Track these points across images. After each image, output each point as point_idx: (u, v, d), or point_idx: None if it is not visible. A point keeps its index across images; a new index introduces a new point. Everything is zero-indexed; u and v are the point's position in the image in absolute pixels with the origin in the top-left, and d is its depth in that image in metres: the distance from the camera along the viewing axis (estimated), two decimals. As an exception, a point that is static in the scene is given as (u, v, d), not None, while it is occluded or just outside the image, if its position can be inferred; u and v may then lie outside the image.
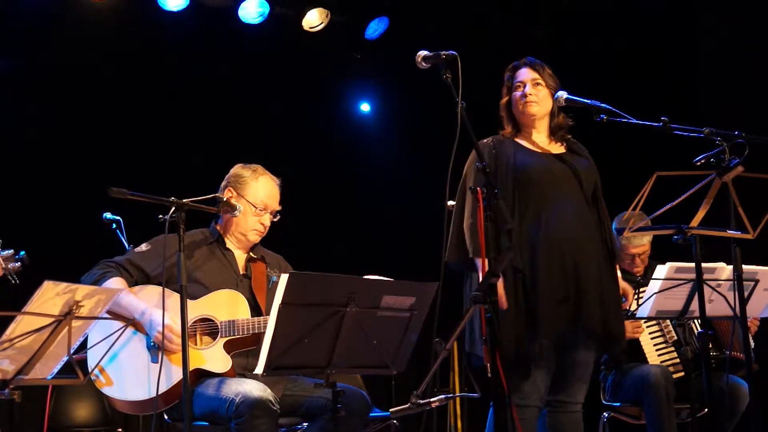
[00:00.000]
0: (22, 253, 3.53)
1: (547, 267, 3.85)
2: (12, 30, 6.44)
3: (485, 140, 4.04)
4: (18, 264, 3.51)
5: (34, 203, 6.40)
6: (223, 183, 4.24)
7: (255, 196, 4.18)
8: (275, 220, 4.24)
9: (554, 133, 4.12)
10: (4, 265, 3.46)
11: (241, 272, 4.21)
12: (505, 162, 3.94)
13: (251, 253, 4.28)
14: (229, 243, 4.24)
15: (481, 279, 3.60)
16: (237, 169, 4.27)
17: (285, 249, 4.50)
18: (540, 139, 4.10)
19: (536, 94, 4.04)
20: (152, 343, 3.89)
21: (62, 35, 6.54)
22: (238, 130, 7.08)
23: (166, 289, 3.81)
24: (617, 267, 4.18)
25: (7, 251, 3.48)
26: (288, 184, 4.33)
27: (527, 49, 4.21)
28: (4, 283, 3.49)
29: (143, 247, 4.11)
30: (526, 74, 4.09)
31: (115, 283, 3.91)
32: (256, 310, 4.04)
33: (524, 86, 4.05)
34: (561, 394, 4.02)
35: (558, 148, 4.12)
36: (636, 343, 5.14)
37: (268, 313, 3.93)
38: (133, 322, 3.86)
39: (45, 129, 6.63)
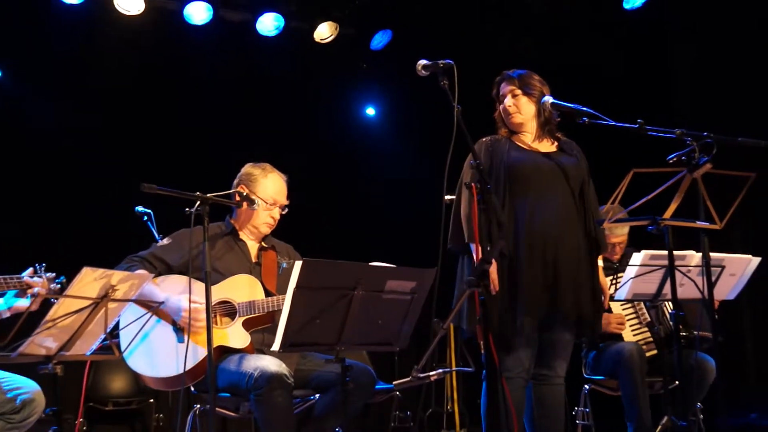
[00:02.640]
0: (62, 278, 3.54)
1: (530, 257, 3.85)
2: (58, 40, 6.47)
3: (484, 138, 4.06)
4: (58, 286, 3.52)
5: (76, 198, 6.44)
6: (236, 181, 4.25)
7: (265, 192, 4.19)
8: (284, 213, 4.26)
9: (543, 131, 4.13)
10: (48, 287, 3.47)
11: (254, 260, 4.23)
12: (499, 158, 3.95)
13: (263, 243, 4.29)
14: (243, 235, 4.25)
15: (475, 264, 3.62)
16: (248, 167, 4.28)
17: (298, 239, 4.51)
18: (531, 139, 4.11)
19: (515, 104, 4.07)
20: (177, 326, 3.92)
21: (101, 45, 6.57)
22: (255, 130, 7.09)
23: (187, 277, 3.86)
24: (600, 258, 4.19)
25: (49, 274, 3.50)
26: (300, 179, 4.34)
27: (517, 57, 4.23)
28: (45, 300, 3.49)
29: (165, 241, 4.13)
30: (505, 87, 4.12)
31: (143, 272, 3.91)
32: (266, 294, 4.06)
33: (505, 98, 4.09)
34: (544, 369, 4.03)
35: (549, 147, 4.11)
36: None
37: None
38: (157, 309, 3.88)
39: (85, 132, 6.66)
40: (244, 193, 4.11)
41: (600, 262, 4.22)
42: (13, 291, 3.41)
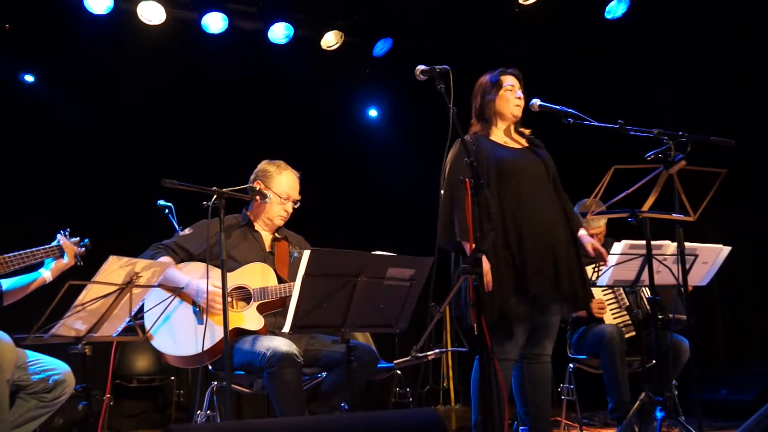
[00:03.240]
0: (86, 240, 3.55)
1: (532, 245, 3.84)
2: (86, 48, 6.47)
3: (466, 136, 4.02)
4: (83, 249, 3.53)
5: (102, 193, 6.45)
6: (252, 176, 4.25)
7: (280, 187, 4.20)
8: (296, 207, 4.27)
9: (515, 129, 4.11)
10: (75, 250, 3.48)
11: (268, 250, 4.24)
12: (485, 156, 3.91)
13: (276, 234, 4.30)
14: (258, 226, 4.26)
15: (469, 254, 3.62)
16: (264, 164, 4.28)
17: (308, 230, 4.52)
18: (507, 135, 4.07)
19: (522, 98, 4.03)
20: (197, 309, 3.93)
21: (126, 53, 6.57)
22: (267, 129, 7.10)
23: (206, 264, 3.86)
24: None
25: (74, 239, 3.51)
26: (308, 175, 4.34)
27: (508, 62, 4.20)
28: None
29: (187, 231, 4.13)
30: (513, 81, 4.04)
31: (167, 260, 3.95)
32: (278, 280, 4.07)
33: (513, 90, 4.00)
34: (535, 348, 4.03)
35: (523, 143, 4.09)
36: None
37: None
38: (179, 293, 3.90)
39: (110, 131, 6.67)
40: (257, 189, 4.12)
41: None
42: (51, 259, 3.42)
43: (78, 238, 3.52)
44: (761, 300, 5.50)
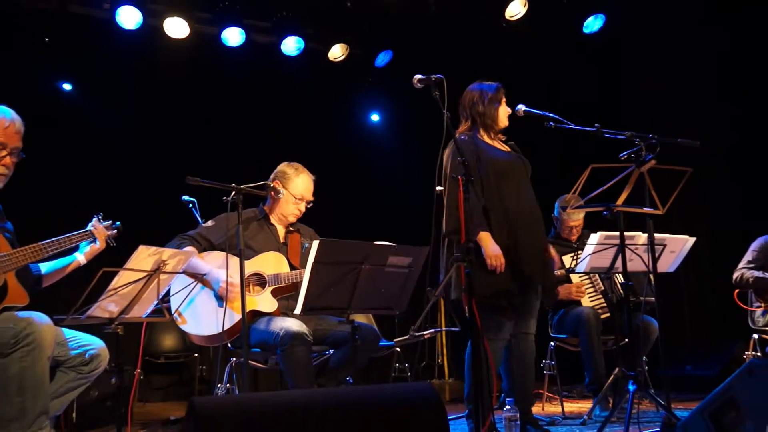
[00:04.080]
0: (118, 223, 3.54)
1: (525, 237, 3.86)
2: (118, 59, 6.47)
3: (463, 137, 4.02)
4: (115, 231, 3.51)
5: (133, 188, 6.45)
6: (272, 176, 4.23)
7: (296, 189, 4.19)
8: (309, 207, 4.26)
9: (497, 135, 4.11)
10: (107, 234, 3.47)
11: (281, 241, 4.23)
12: (483, 155, 3.92)
13: (289, 227, 4.29)
14: (273, 219, 4.25)
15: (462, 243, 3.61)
16: (283, 166, 4.26)
17: (318, 222, 4.51)
18: (493, 139, 4.08)
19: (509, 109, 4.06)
20: (217, 293, 3.93)
21: (154, 63, 6.57)
22: (280, 133, 7.09)
23: (226, 253, 3.86)
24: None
25: (106, 222, 3.49)
26: (316, 172, 4.33)
27: (496, 72, 4.20)
28: (107, 246, 3.51)
29: (209, 223, 4.12)
30: (502, 97, 4.07)
31: (191, 249, 3.95)
32: (291, 268, 4.08)
33: (503, 105, 4.05)
34: (523, 327, 4.04)
35: (505, 146, 4.10)
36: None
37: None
38: (202, 279, 3.89)
39: (140, 134, 6.67)
40: (272, 185, 4.12)
41: None
42: (85, 243, 3.41)
43: (110, 222, 3.51)
44: (722, 285, 5.49)
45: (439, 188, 3.96)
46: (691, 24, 6.71)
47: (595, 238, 4.44)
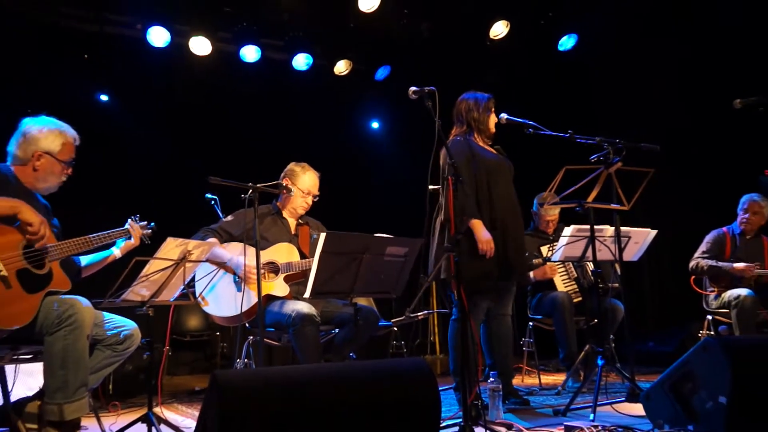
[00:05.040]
0: (152, 224, 3.54)
1: (513, 230, 3.86)
2: (149, 73, 6.47)
3: (458, 138, 4.01)
4: (149, 231, 3.51)
5: (163, 186, 6.44)
6: (282, 174, 4.24)
7: (303, 184, 4.19)
8: (315, 200, 4.26)
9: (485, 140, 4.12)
10: (142, 233, 3.47)
11: (293, 233, 4.22)
12: (477, 155, 3.92)
13: (300, 220, 4.29)
14: (285, 214, 4.25)
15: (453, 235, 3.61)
16: (292, 165, 4.27)
17: (325, 217, 4.50)
18: (484, 143, 4.08)
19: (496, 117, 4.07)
20: (237, 279, 3.92)
21: (180, 77, 6.57)
22: (291, 138, 7.07)
23: (244, 243, 3.85)
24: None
25: (142, 222, 3.49)
26: (323, 173, 4.33)
27: (482, 85, 4.19)
28: (140, 242, 3.51)
29: (229, 218, 4.12)
30: (493, 106, 4.08)
31: (213, 240, 3.94)
32: (301, 257, 4.07)
33: (493, 114, 4.06)
34: (501, 309, 4.05)
35: (492, 149, 4.11)
36: (551, 279, 5.16)
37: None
38: (223, 266, 3.89)
39: (169, 139, 6.66)
40: (284, 184, 4.12)
41: None
42: (122, 239, 3.41)
43: (146, 222, 3.51)
44: (680, 273, 5.50)
45: (431, 187, 3.96)
46: (651, 41, 6.74)
47: (568, 230, 4.44)
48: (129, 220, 3.44)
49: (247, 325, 3.98)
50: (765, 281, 5.10)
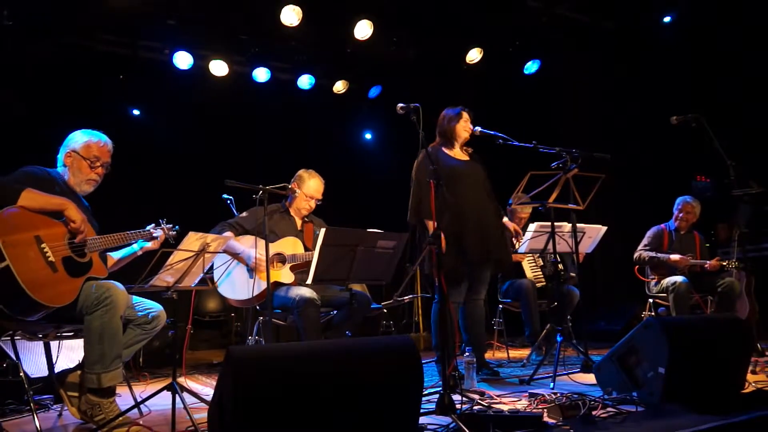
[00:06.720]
0: (177, 227, 3.51)
1: (472, 227, 3.84)
2: (174, 91, 6.44)
3: (429, 149, 3.98)
4: (174, 233, 3.48)
5: (186, 189, 6.40)
6: (292, 179, 4.22)
7: (308, 189, 4.16)
8: (319, 204, 4.24)
9: (461, 148, 4.10)
10: (168, 235, 3.44)
11: (298, 229, 4.20)
12: (442, 164, 3.90)
13: (305, 218, 4.27)
14: (292, 212, 4.22)
15: (431, 232, 3.60)
16: (301, 171, 4.24)
17: (325, 214, 4.49)
18: (457, 150, 4.08)
19: (470, 127, 4.04)
20: (249, 268, 3.90)
21: (201, 95, 6.54)
22: (295, 147, 7.06)
23: (255, 237, 3.83)
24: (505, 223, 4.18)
25: (168, 225, 3.47)
26: (323, 176, 4.31)
27: (460, 102, 4.19)
28: (166, 241, 3.47)
29: (244, 214, 4.10)
30: (467, 116, 4.06)
31: (229, 234, 3.92)
32: (305, 249, 4.06)
33: (468, 123, 4.04)
34: (474, 294, 4.03)
35: (465, 156, 4.08)
36: (521, 266, 5.17)
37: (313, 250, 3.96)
38: (238, 256, 3.86)
39: (192, 148, 6.62)
40: (290, 187, 4.10)
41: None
42: (144, 242, 3.38)
43: (171, 225, 3.48)
44: (626, 263, 5.52)
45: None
46: (601, 64, 6.78)
47: (532, 226, 4.45)
48: (157, 226, 3.40)
49: (257, 307, 3.96)
50: (697, 270, 5.14)
